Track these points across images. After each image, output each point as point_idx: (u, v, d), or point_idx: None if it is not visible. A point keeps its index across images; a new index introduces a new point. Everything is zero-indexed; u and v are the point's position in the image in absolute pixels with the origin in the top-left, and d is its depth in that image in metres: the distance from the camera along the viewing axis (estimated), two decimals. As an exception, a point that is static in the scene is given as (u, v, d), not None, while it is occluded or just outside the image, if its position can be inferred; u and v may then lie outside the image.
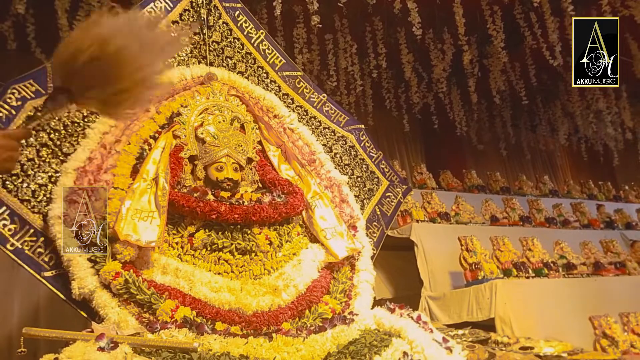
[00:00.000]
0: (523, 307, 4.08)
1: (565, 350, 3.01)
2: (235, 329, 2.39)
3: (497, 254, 4.67)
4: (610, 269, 5.08)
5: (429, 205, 5.56)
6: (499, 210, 6.04)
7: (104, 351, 1.96)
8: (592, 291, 4.54)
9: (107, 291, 2.35)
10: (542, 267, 4.67)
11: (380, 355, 2.35)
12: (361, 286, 2.99)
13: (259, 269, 2.71)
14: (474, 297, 4.25)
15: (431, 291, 4.73)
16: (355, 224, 3.27)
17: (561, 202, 6.83)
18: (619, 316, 3.88)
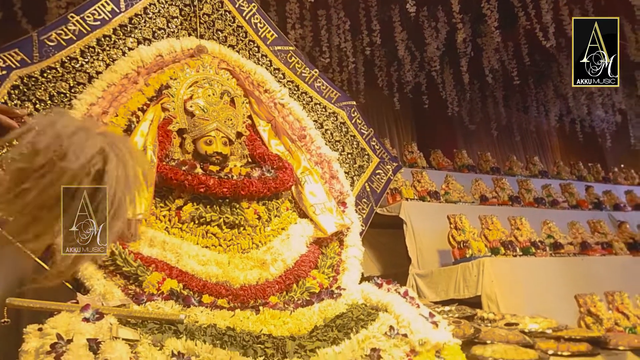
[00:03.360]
0: (510, 284, 4.11)
1: (550, 326, 3.04)
2: (222, 302, 2.39)
3: (485, 232, 4.69)
4: (597, 249, 5.13)
5: (419, 183, 5.55)
6: (489, 190, 6.05)
7: (89, 322, 1.94)
8: (579, 270, 4.58)
9: (93, 263, 2.32)
10: (529, 246, 4.70)
11: (367, 328, 2.36)
12: (349, 262, 2.99)
13: (247, 243, 2.70)
14: (462, 275, 4.28)
15: (419, 269, 4.76)
16: (344, 200, 3.26)
17: (550, 183, 6.85)
18: (604, 295, 3.92)
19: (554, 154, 10.33)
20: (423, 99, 7.50)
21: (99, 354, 1.82)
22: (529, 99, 9.34)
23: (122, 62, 2.92)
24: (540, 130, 10.35)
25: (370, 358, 2.21)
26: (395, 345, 2.33)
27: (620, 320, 3.66)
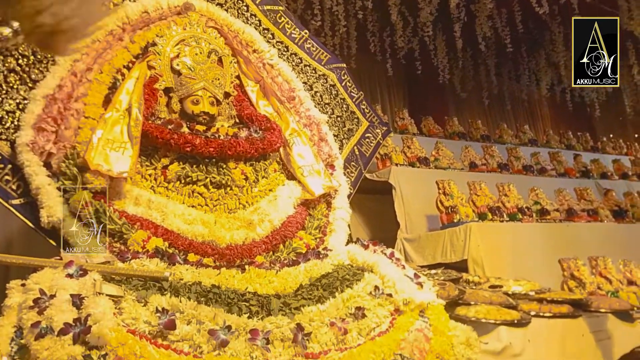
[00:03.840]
0: (495, 249, 4.14)
1: (533, 289, 3.07)
2: (208, 261, 2.37)
3: (473, 198, 4.69)
4: (583, 215, 5.16)
5: (409, 149, 5.52)
6: (478, 157, 6.04)
7: (73, 278, 1.93)
8: (564, 236, 4.62)
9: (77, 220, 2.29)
10: (516, 212, 4.72)
11: (352, 288, 2.37)
12: (336, 223, 2.98)
13: (234, 203, 2.67)
14: (449, 239, 4.30)
15: (407, 233, 4.77)
16: (333, 163, 3.22)
17: (539, 151, 6.85)
18: (588, 260, 3.96)
19: (544, 123, 10.31)
20: (416, 65, 7.39)
21: (82, 309, 1.81)
22: (521, 68, 9.25)
23: (107, 18, 2.83)
24: (532, 99, 10.30)
25: (355, 316, 2.22)
26: (379, 305, 2.34)
27: (603, 284, 3.71)
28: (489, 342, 2.43)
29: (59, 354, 1.65)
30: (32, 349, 1.69)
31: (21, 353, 1.71)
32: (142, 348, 1.77)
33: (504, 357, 2.43)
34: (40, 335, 1.70)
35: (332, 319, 2.15)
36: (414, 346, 2.14)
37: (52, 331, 1.70)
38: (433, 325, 2.33)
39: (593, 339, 2.78)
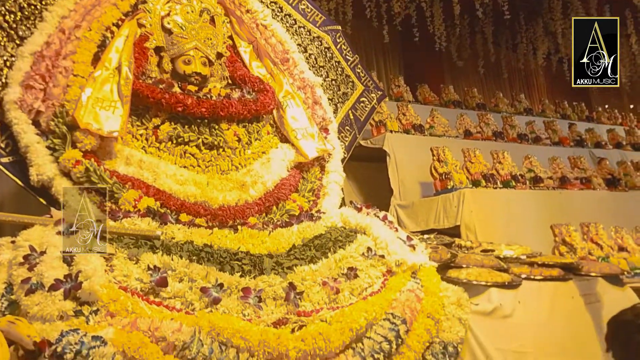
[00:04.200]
0: (488, 215, 4.14)
1: (525, 253, 3.07)
2: (200, 221, 2.36)
3: (467, 165, 4.67)
4: (576, 183, 5.16)
5: (404, 117, 5.46)
6: (473, 125, 5.99)
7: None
8: (556, 203, 4.63)
9: (67, 179, 2.26)
10: (510, 180, 4.71)
11: (345, 249, 2.37)
12: (330, 187, 2.96)
13: (227, 164, 2.65)
14: (442, 206, 4.29)
15: (400, 200, 4.76)
16: (327, 126, 3.19)
17: (534, 120, 6.81)
18: (580, 226, 3.97)
19: (539, 93, 10.23)
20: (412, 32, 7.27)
21: (72, 265, 1.80)
22: (519, 36, 9.12)
23: (95, -26, 2.74)
24: (528, 68, 10.19)
25: (347, 277, 2.23)
26: (372, 266, 2.35)
27: (594, 250, 3.73)
28: (480, 304, 2.44)
29: (50, 310, 1.64)
30: (22, 305, 1.68)
31: (11, 308, 1.71)
32: (134, 304, 1.77)
33: (494, 318, 2.45)
34: (30, 290, 1.69)
35: (324, 279, 2.15)
36: (405, 306, 2.15)
37: (43, 287, 1.70)
38: (425, 286, 2.34)
39: (582, 302, 2.80)
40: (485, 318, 2.43)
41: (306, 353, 1.81)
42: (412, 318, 2.14)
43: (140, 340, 1.61)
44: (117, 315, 1.72)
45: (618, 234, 3.98)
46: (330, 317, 1.97)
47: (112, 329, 1.63)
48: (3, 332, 1.53)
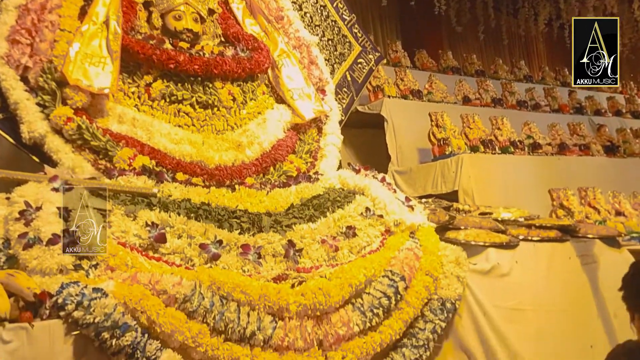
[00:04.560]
0: (486, 180, 4.20)
1: (522, 215, 3.15)
2: (197, 181, 2.39)
3: (466, 130, 4.71)
4: (575, 150, 5.23)
5: (401, 82, 5.47)
6: (472, 91, 6.01)
7: (59, 192, 1.94)
8: (555, 169, 4.69)
9: (59, 136, 2.27)
10: (508, 146, 4.77)
11: (343, 209, 2.42)
12: (327, 149, 3.00)
13: (222, 124, 2.67)
14: (440, 171, 4.35)
15: (398, 166, 4.81)
16: (324, 87, 3.20)
17: (534, 87, 6.84)
18: (578, 190, 4.05)
19: (539, 60, 10.23)
20: (410, -5, 7.21)
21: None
22: (520, 1, 9.08)
23: None
24: (529, 35, 10.16)
25: (346, 235, 2.29)
26: (370, 225, 2.41)
27: (591, 214, 3.82)
28: (478, 263, 2.52)
29: (49, 263, 1.69)
30: (21, 259, 1.72)
31: (10, 263, 1.75)
32: (134, 259, 1.82)
33: (492, 277, 2.53)
34: (28, 245, 1.73)
35: (323, 237, 2.21)
36: (404, 263, 2.22)
37: (41, 241, 1.74)
38: (423, 245, 2.41)
39: (579, 263, 2.89)
40: (483, 277, 2.51)
41: (306, 307, 1.87)
42: (410, 275, 2.21)
43: (141, 292, 1.67)
44: (117, 269, 1.77)
45: (616, 198, 4.06)
46: (330, 273, 2.03)
47: (113, 281, 1.68)
48: (2, 284, 1.57)
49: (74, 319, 1.55)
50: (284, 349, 1.81)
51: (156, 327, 1.64)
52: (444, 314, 2.26)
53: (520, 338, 2.48)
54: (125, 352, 1.57)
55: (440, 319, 2.24)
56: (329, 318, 1.94)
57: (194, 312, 1.71)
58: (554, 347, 2.58)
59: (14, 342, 1.46)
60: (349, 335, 1.95)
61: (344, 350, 1.93)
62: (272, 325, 1.81)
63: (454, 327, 2.37)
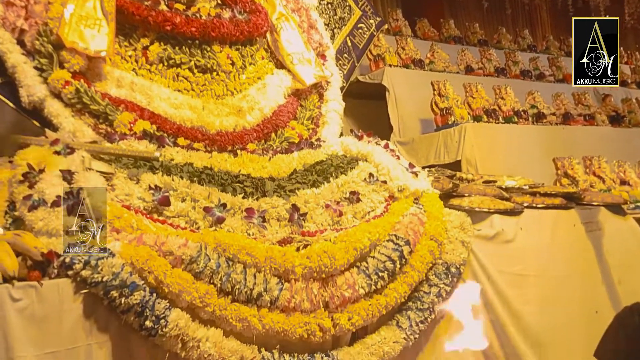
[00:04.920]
0: (490, 150, 4.25)
1: (527, 183, 3.20)
2: (199, 146, 2.43)
3: (469, 100, 4.74)
4: (580, 120, 5.27)
5: (403, 51, 5.47)
6: (475, 61, 6.02)
7: (61, 155, 1.98)
8: (559, 138, 4.74)
9: (59, 100, 2.30)
10: (512, 115, 4.80)
11: (347, 175, 2.47)
12: (329, 115, 3.04)
13: (221, 89, 2.69)
14: (443, 141, 4.39)
15: (400, 137, 4.84)
16: (324, 52, 3.22)
17: (538, 56, 6.85)
18: (582, 159, 4.11)
19: (543, 30, 10.21)
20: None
21: (72, 183, 1.87)
22: (525, -34, 9.03)
23: None
24: (532, 4, 10.12)
25: (350, 201, 2.34)
26: (374, 191, 2.46)
27: (596, 183, 3.88)
28: (482, 229, 2.58)
29: (55, 224, 1.73)
30: (26, 220, 1.77)
31: (16, 225, 1.80)
32: (139, 221, 1.87)
33: (497, 242, 2.59)
34: (33, 207, 1.77)
35: (327, 202, 2.26)
36: (408, 228, 2.28)
37: (45, 203, 1.78)
38: (427, 211, 2.46)
39: (584, 230, 2.96)
40: (488, 242, 2.58)
41: (312, 270, 1.94)
42: (415, 240, 2.27)
43: (147, 253, 1.72)
44: (123, 231, 1.82)
45: (621, 167, 4.13)
46: (335, 237, 2.09)
47: (119, 242, 1.73)
48: (10, 244, 1.62)
49: (82, 278, 1.60)
50: (291, 309, 1.88)
51: (164, 287, 1.69)
52: (449, 278, 2.33)
53: (524, 303, 2.57)
54: (134, 310, 1.62)
55: (445, 283, 2.31)
56: (334, 280, 2.00)
57: (201, 273, 1.77)
58: (558, 312, 2.67)
59: (24, 300, 1.52)
60: (354, 297, 2.02)
61: (350, 312, 1.99)
62: (279, 287, 1.87)
63: (458, 291, 2.45)
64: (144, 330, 1.63)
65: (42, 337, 1.51)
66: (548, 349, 2.54)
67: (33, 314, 1.51)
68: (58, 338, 1.53)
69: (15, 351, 1.45)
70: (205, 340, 1.68)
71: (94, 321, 1.61)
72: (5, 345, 1.44)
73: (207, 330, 1.71)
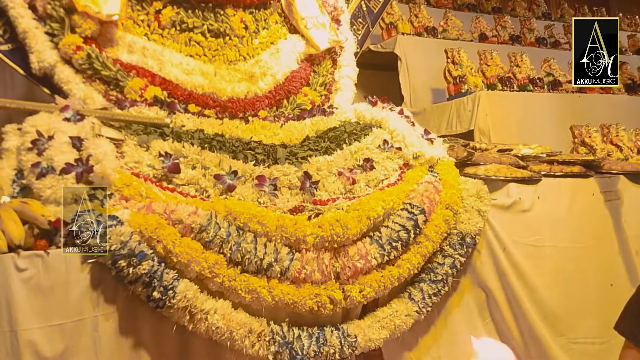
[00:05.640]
0: (504, 118, 4.07)
1: (544, 151, 3.04)
2: (210, 113, 2.31)
3: (483, 68, 4.53)
4: (595, 88, 5.04)
5: (416, 19, 5.24)
6: (489, 28, 5.77)
7: (70, 122, 1.87)
8: (576, 106, 4.53)
9: (69, 66, 2.18)
10: (527, 83, 4.59)
11: (360, 141, 2.33)
12: (342, 81, 2.88)
13: (234, 54, 2.56)
14: (455, 110, 4.21)
15: (411, 107, 4.66)
16: (339, 17, 3.04)
17: (554, 24, 6.56)
18: (600, 127, 3.91)
19: (559, -1, 9.82)
20: None
21: (82, 150, 1.77)
22: None
23: None
24: (548, -30, 9.70)
25: (363, 168, 2.21)
26: (388, 158, 2.32)
27: (614, 152, 3.70)
28: (498, 198, 2.45)
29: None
30: (34, 188, 1.68)
31: (24, 193, 1.71)
32: (148, 189, 1.77)
33: (513, 212, 2.46)
34: (41, 174, 1.68)
35: (340, 169, 2.13)
36: (424, 196, 2.15)
37: (54, 171, 1.68)
38: (443, 179, 2.33)
39: (602, 199, 2.80)
40: (504, 212, 2.44)
41: (323, 239, 1.83)
42: (430, 209, 2.14)
43: (156, 221, 1.62)
44: (131, 199, 1.72)
45: (638, 136, 3.93)
46: (347, 205, 1.97)
47: (128, 210, 1.63)
48: (17, 212, 1.53)
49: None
50: (301, 281, 1.78)
51: (172, 256, 1.60)
52: (464, 249, 2.21)
53: (539, 274, 2.44)
54: (142, 280, 1.54)
55: (460, 253, 2.19)
56: (346, 251, 1.89)
57: (210, 242, 1.67)
58: (573, 284, 2.53)
59: (29, 270, 1.43)
60: (366, 268, 1.91)
61: (361, 283, 1.89)
62: (289, 257, 1.77)
63: (472, 262, 2.33)
64: (151, 302, 1.55)
65: (47, 308, 1.42)
66: (562, 323, 2.42)
67: (39, 284, 1.43)
68: (64, 309, 1.45)
69: (19, 324, 1.36)
70: (213, 312, 1.59)
71: (101, 292, 1.52)
72: (8, 317, 1.36)
73: (215, 302, 1.62)
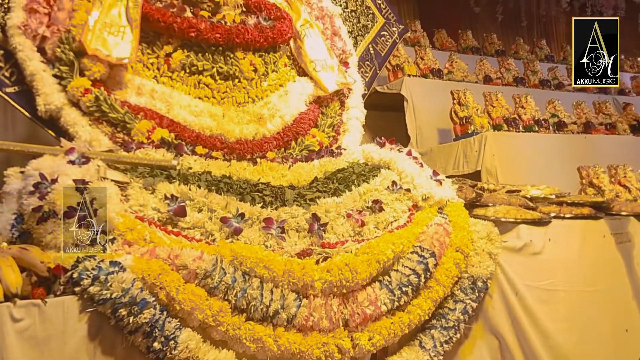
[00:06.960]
0: (511, 159, 3.98)
1: (553, 192, 2.94)
2: (217, 155, 2.25)
3: (489, 109, 4.48)
4: (601, 129, 4.96)
5: (422, 61, 5.24)
6: (493, 70, 5.75)
7: (75, 165, 1.80)
8: (581, 147, 4.45)
9: (76, 109, 2.13)
10: (533, 125, 4.53)
11: (369, 183, 2.25)
12: (350, 123, 2.83)
13: (243, 96, 2.51)
14: (462, 151, 4.13)
15: (418, 147, 4.59)
16: (347, 59, 3.01)
17: (557, 66, 6.54)
18: (607, 168, 3.81)
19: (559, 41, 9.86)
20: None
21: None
22: (540, -19, 8.72)
23: None
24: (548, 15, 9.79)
25: (372, 210, 2.12)
26: (397, 200, 2.23)
27: (622, 193, 3.58)
28: (509, 240, 2.34)
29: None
30: (34, 234, 1.60)
31: (23, 238, 1.62)
32: (152, 233, 1.68)
33: (524, 255, 2.35)
34: (42, 219, 1.60)
35: (349, 211, 2.04)
36: (434, 239, 2.05)
37: (56, 215, 1.60)
38: (452, 221, 2.23)
39: (613, 241, 2.69)
40: (515, 254, 2.33)
41: (332, 284, 1.73)
42: (440, 252, 2.04)
43: (160, 267, 1.53)
44: (135, 244, 1.63)
45: (646, 177, 3.82)
46: (356, 249, 1.88)
47: (131, 256, 1.54)
48: (15, 259, 1.44)
49: (89, 295, 1.42)
50: (308, 328, 1.67)
51: (175, 304, 1.50)
52: (475, 293, 2.09)
53: (553, 320, 2.30)
54: (142, 330, 1.43)
55: (472, 298, 2.07)
56: (355, 296, 1.78)
57: (215, 288, 1.57)
58: (587, 329, 2.39)
59: (25, 320, 1.34)
60: (376, 314, 1.80)
61: (370, 331, 1.78)
62: (296, 304, 1.66)
63: (484, 307, 2.20)
64: (151, 353, 1.44)
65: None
66: (577, 370, 2.28)
67: (34, 335, 1.33)
68: (59, 361, 1.34)
69: (11, 376, 1.26)
70: (215, 364, 1.48)
71: (99, 343, 1.41)
72: (1, 369, 1.26)
73: (218, 353, 1.51)
